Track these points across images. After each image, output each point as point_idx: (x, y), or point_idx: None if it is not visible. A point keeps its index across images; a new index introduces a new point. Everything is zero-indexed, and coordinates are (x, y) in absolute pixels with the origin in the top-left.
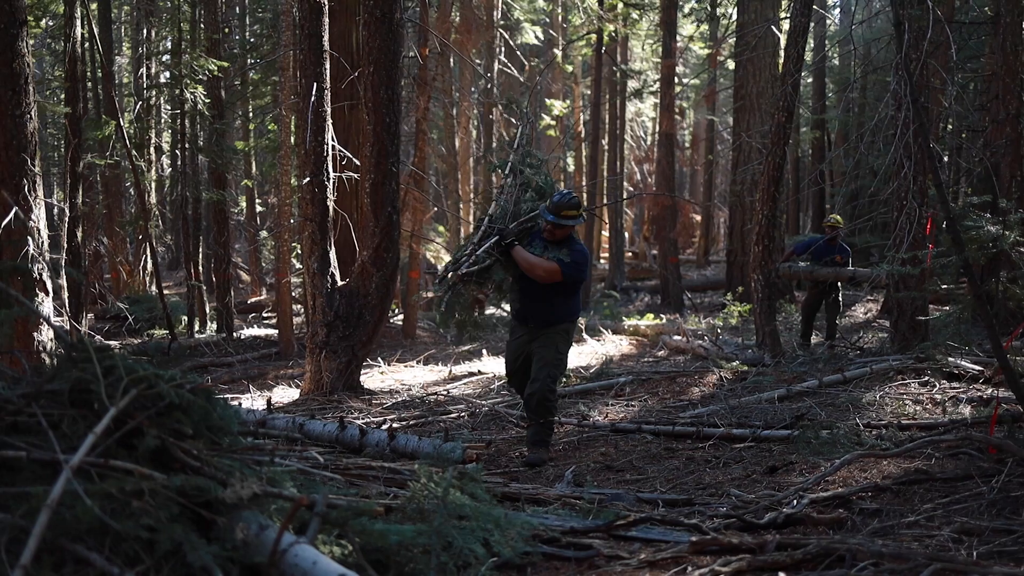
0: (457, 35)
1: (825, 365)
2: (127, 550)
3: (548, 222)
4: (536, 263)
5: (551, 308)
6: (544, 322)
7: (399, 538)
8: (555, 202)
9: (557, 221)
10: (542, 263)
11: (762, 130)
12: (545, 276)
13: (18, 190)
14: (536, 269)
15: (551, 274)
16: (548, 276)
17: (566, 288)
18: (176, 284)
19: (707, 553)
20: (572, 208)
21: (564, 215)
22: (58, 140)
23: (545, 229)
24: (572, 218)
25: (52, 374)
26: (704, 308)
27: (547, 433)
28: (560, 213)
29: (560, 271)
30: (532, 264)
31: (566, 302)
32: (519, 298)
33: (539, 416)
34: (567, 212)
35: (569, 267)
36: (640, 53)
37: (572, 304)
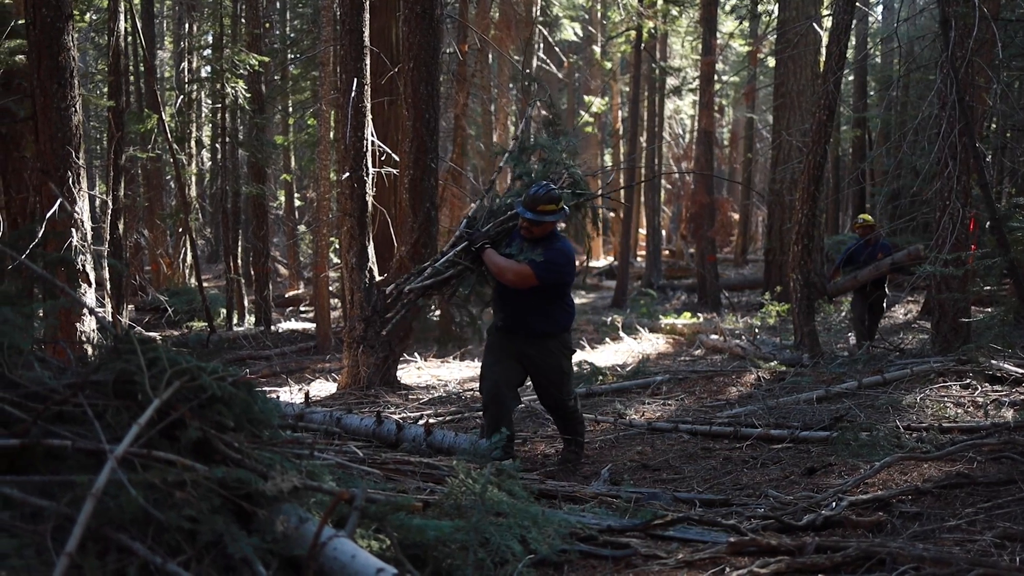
0: (496, 31)
1: (864, 366)
2: (169, 540)
3: (524, 219)
4: (505, 267)
5: (540, 316)
6: (533, 332)
7: (437, 534)
8: (531, 195)
9: (534, 218)
10: (511, 266)
11: (802, 128)
12: (516, 280)
13: (63, 182)
14: (505, 273)
15: (522, 277)
16: (519, 280)
17: (549, 292)
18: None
19: (745, 554)
20: (550, 202)
21: (541, 210)
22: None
23: (522, 227)
24: (550, 213)
25: (97, 365)
26: (741, 307)
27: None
28: (536, 208)
29: (533, 274)
30: (501, 268)
31: (554, 310)
32: (501, 307)
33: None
34: (544, 207)
35: (542, 268)
36: (679, 50)
37: (562, 314)
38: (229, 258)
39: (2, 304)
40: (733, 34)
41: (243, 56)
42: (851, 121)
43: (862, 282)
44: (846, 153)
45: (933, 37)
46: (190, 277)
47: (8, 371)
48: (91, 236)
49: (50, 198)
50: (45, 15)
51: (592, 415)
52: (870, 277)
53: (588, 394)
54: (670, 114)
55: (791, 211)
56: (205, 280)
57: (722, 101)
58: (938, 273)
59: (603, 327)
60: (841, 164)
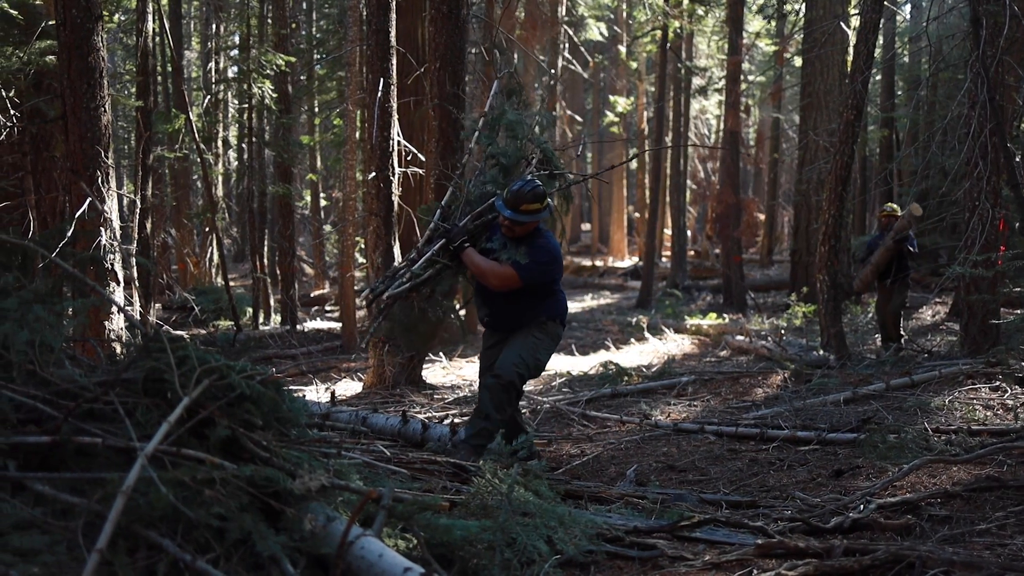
0: (522, 31)
1: (892, 368)
2: (198, 538)
3: (505, 218)
4: (487, 270)
5: (521, 311)
6: (511, 326)
7: (464, 533)
8: (513, 192)
9: (515, 217)
10: (494, 269)
11: (829, 128)
12: (499, 284)
13: (92, 182)
14: (488, 277)
15: (505, 281)
16: (502, 284)
17: (534, 289)
18: (241, 276)
19: (773, 556)
20: (535, 200)
21: (525, 209)
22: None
23: (503, 224)
24: (534, 213)
25: (128, 363)
26: (767, 308)
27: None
28: (519, 207)
29: (517, 276)
30: (483, 271)
31: (540, 303)
32: (482, 303)
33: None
34: (528, 206)
35: (527, 270)
36: (705, 50)
37: (549, 304)
38: (255, 257)
39: (34, 302)
40: (759, 33)
41: (270, 56)
42: (879, 121)
43: (878, 266)
44: (873, 153)
45: (963, 36)
46: (217, 276)
47: (40, 369)
48: (120, 235)
49: (80, 197)
50: (75, 16)
51: (618, 416)
52: (882, 259)
53: (614, 394)
54: (696, 114)
55: (818, 212)
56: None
57: (748, 101)
58: (967, 274)
59: (628, 327)
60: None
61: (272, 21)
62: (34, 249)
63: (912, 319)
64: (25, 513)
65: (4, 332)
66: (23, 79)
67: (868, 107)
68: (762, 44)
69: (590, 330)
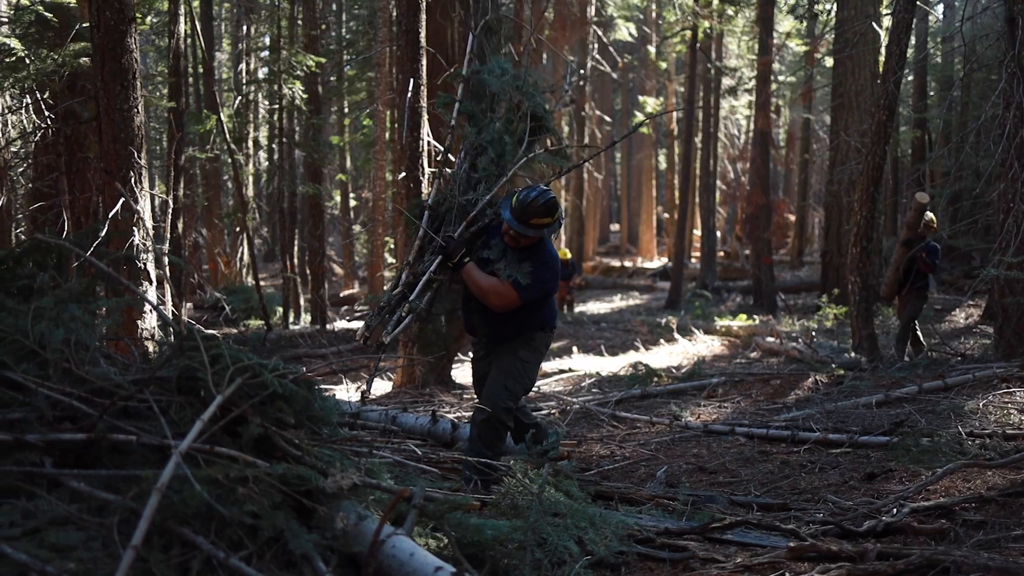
0: (551, 31)
1: (925, 371)
2: (231, 535)
3: (513, 229)
4: (488, 289)
5: (512, 322)
6: (498, 337)
7: (494, 533)
8: (522, 202)
9: (522, 231)
10: (496, 288)
11: (861, 129)
12: (500, 305)
13: (125, 182)
14: (488, 296)
15: (506, 301)
16: (503, 304)
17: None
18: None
19: (805, 559)
20: (546, 214)
21: (534, 223)
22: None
23: (506, 232)
24: (544, 227)
25: (162, 361)
26: (798, 310)
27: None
28: (528, 220)
29: (517, 297)
30: (484, 290)
31: (532, 314)
32: (470, 311)
33: (481, 441)
34: (538, 220)
35: (528, 290)
36: (735, 50)
37: (540, 314)
38: (285, 257)
39: (69, 301)
40: (790, 33)
41: (300, 57)
42: (911, 122)
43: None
44: (905, 154)
45: (997, 36)
46: (247, 276)
47: (75, 367)
48: (152, 235)
49: (113, 197)
50: (109, 18)
51: (648, 416)
52: (898, 258)
53: (643, 395)
54: (725, 114)
55: (849, 213)
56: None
57: (778, 101)
58: (1001, 276)
59: (657, 328)
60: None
61: (302, 22)
62: (69, 249)
63: (945, 322)
64: (61, 509)
65: (40, 331)
66: (57, 81)
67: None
68: (792, 44)
69: (619, 331)
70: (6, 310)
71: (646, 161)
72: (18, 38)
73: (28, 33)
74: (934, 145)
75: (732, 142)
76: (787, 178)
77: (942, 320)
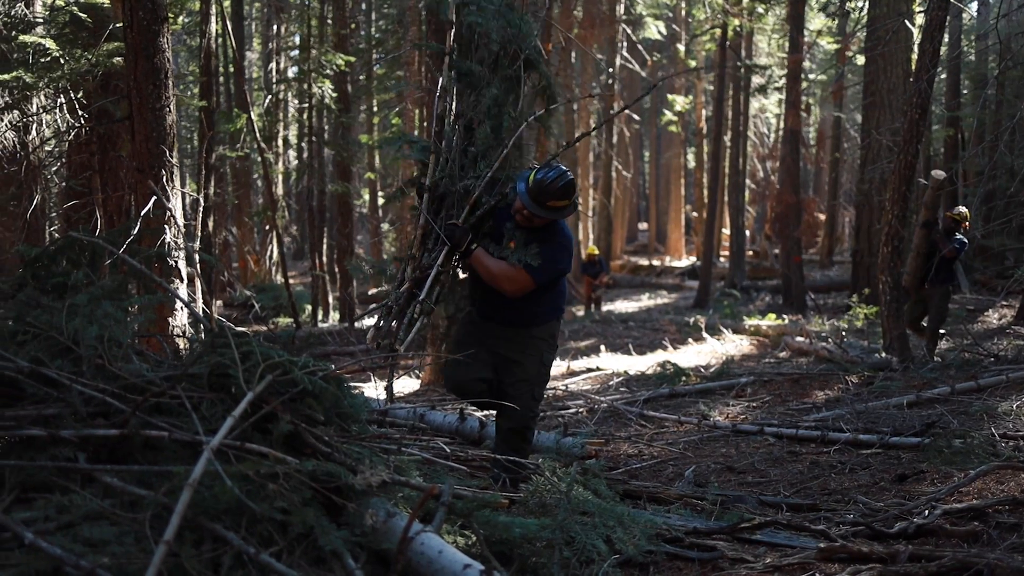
0: (580, 30)
1: (957, 372)
2: (262, 531)
3: (525, 208)
4: (500, 274)
5: (526, 307)
6: (512, 321)
7: (523, 531)
8: (540, 183)
9: (538, 212)
10: (507, 273)
11: (893, 127)
12: (513, 290)
13: (157, 180)
14: (501, 282)
15: (520, 286)
16: (516, 289)
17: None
18: (301, 274)
19: (835, 561)
20: (564, 196)
21: (551, 206)
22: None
23: (519, 211)
24: (560, 210)
25: (194, 358)
26: (827, 309)
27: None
28: (545, 202)
29: (532, 281)
30: (494, 275)
31: (546, 296)
32: (476, 290)
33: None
34: (555, 202)
35: (542, 272)
36: (765, 48)
37: (554, 297)
38: (314, 255)
39: (103, 299)
40: (821, 31)
41: (330, 56)
42: (943, 120)
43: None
44: (938, 153)
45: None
46: (276, 274)
47: (108, 363)
48: (183, 233)
49: (145, 196)
50: (142, 18)
51: (676, 416)
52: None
53: (672, 395)
54: (755, 113)
55: (880, 212)
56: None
57: (809, 100)
58: None
59: (686, 327)
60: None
61: (332, 21)
62: (102, 246)
63: (978, 322)
64: (95, 504)
65: (75, 327)
66: (91, 80)
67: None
68: (823, 42)
69: (647, 330)
70: (41, 307)
71: (675, 160)
72: (53, 38)
73: (63, 33)
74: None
75: (762, 141)
76: (817, 177)
77: (975, 321)
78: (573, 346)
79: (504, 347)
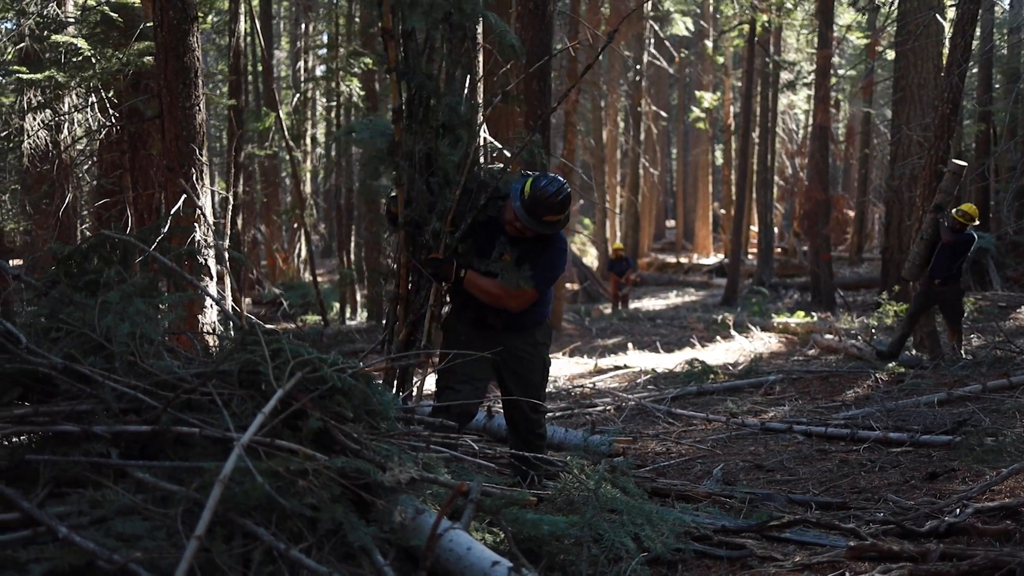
0: (607, 27)
1: (989, 369)
2: (291, 527)
3: (518, 220)
4: (500, 293)
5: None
6: (514, 326)
7: (551, 529)
8: (536, 196)
9: (532, 226)
10: (505, 294)
11: (923, 123)
12: (518, 305)
13: (187, 178)
14: (502, 300)
15: (523, 300)
16: (521, 304)
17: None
18: (328, 271)
19: (865, 559)
20: (560, 211)
21: (547, 220)
22: (220, 131)
23: (510, 222)
24: (555, 224)
25: (224, 355)
26: (857, 307)
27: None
28: (542, 217)
29: (535, 293)
30: (496, 296)
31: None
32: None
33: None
34: (551, 217)
35: (542, 281)
36: (794, 44)
37: (547, 299)
38: (342, 253)
39: (135, 296)
40: (850, 26)
41: (357, 54)
42: (975, 115)
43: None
44: (969, 148)
45: None
46: (304, 271)
47: (140, 360)
48: (213, 231)
49: (175, 194)
50: (172, 17)
51: (704, 414)
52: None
53: (699, 392)
54: (783, 109)
55: (910, 208)
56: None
57: (838, 95)
58: None
59: (713, 325)
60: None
61: (360, 20)
62: (134, 244)
63: (1009, 319)
64: (127, 499)
65: (107, 324)
66: (122, 80)
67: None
68: (853, 37)
69: (675, 327)
70: (74, 304)
71: (702, 157)
72: (84, 38)
73: (94, 33)
74: (999, 139)
75: (790, 137)
76: (846, 173)
77: (1007, 318)
78: (600, 344)
79: (508, 356)
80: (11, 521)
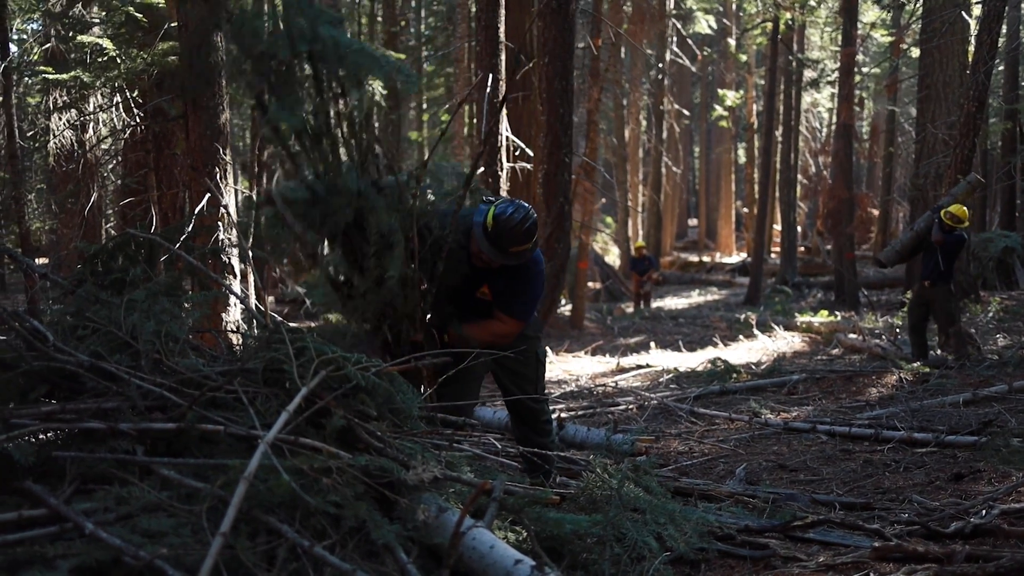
0: (629, 25)
1: (1015, 369)
2: (315, 524)
3: (484, 253)
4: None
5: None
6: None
7: (573, 527)
8: (500, 228)
9: (499, 259)
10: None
11: (949, 121)
12: (509, 339)
13: (211, 177)
14: (496, 340)
15: (513, 333)
16: (512, 337)
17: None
18: None
19: (890, 560)
20: (527, 240)
21: (513, 251)
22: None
23: (475, 254)
24: (522, 254)
25: (249, 354)
26: (881, 306)
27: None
28: (507, 248)
29: (522, 323)
30: (489, 341)
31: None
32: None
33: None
34: (517, 248)
35: (525, 312)
36: (818, 41)
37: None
38: None
39: (160, 295)
40: (875, 24)
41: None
42: (1001, 113)
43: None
44: (995, 147)
45: None
46: None
47: (165, 358)
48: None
49: (199, 193)
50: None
51: (726, 413)
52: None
53: (722, 392)
54: (807, 107)
55: None
56: None
57: (862, 93)
58: None
59: (736, 324)
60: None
61: (382, 19)
62: (160, 243)
63: None
64: (153, 496)
65: (133, 323)
66: (147, 79)
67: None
68: (877, 35)
69: (697, 326)
70: (100, 303)
71: (725, 155)
72: (109, 38)
73: (119, 33)
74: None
75: (814, 135)
76: (870, 172)
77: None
78: (622, 343)
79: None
80: (38, 517)
